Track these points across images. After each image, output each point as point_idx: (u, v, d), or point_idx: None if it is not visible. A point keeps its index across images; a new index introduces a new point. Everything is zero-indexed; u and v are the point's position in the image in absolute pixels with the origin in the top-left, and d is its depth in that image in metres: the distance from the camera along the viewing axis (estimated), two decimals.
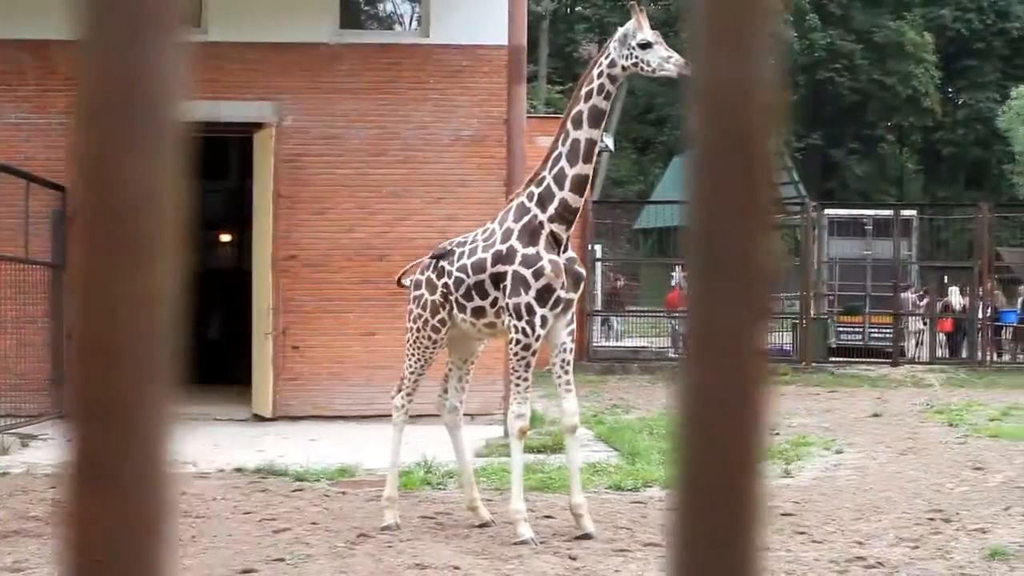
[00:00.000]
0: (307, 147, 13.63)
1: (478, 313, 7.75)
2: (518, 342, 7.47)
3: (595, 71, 7.53)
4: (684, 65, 7.41)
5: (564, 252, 7.60)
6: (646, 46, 7.36)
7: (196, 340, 18.58)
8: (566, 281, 7.54)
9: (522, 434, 7.63)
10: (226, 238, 20.16)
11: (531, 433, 9.14)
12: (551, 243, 7.55)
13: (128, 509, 0.83)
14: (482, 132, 13.73)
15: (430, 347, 8.07)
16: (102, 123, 0.82)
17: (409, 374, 8.18)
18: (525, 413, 7.59)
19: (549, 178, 7.54)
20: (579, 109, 7.53)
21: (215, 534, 7.51)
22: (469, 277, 7.72)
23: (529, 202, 7.61)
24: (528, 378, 7.60)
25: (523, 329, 7.44)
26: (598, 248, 26.18)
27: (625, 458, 10.73)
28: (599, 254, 26.31)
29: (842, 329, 24.80)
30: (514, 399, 7.63)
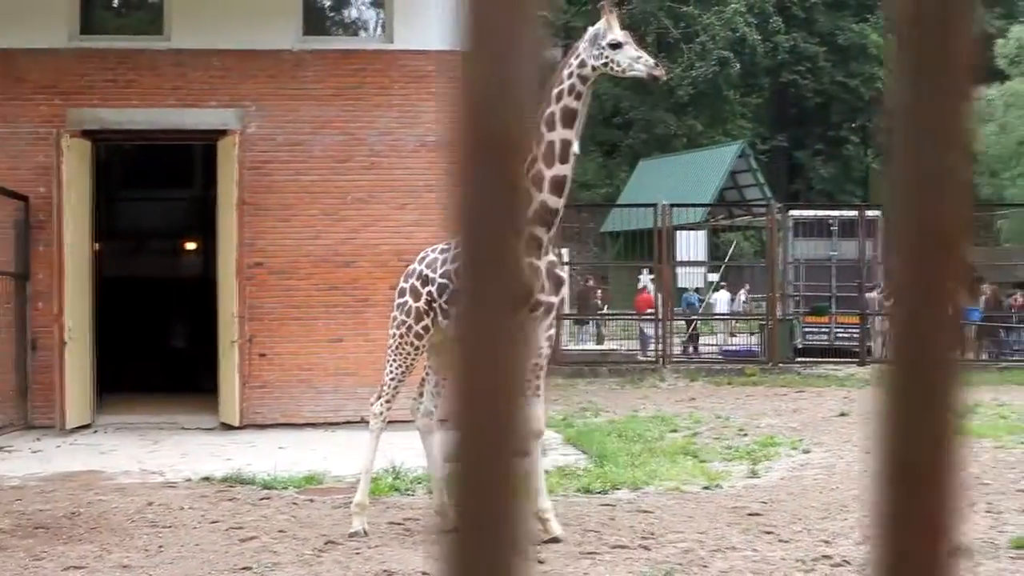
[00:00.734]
0: (272, 154, 13.58)
1: None
2: None
3: (565, 72, 7.51)
4: (654, 66, 7.44)
5: (545, 255, 7.59)
6: (616, 46, 7.37)
7: (162, 349, 18.50)
8: (546, 284, 7.53)
9: None
10: (191, 246, 20.06)
11: None
12: (531, 246, 7.54)
13: None
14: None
15: (412, 353, 8.03)
16: None
17: (389, 380, 8.11)
18: None
19: (527, 181, 7.54)
20: (551, 111, 7.48)
21: (182, 544, 7.47)
22: (452, 282, 7.71)
23: None
24: None
25: None
26: (565, 252, 26.23)
27: (594, 461, 10.76)
28: (567, 258, 26.36)
29: (808, 329, 24.93)
30: None
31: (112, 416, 13.72)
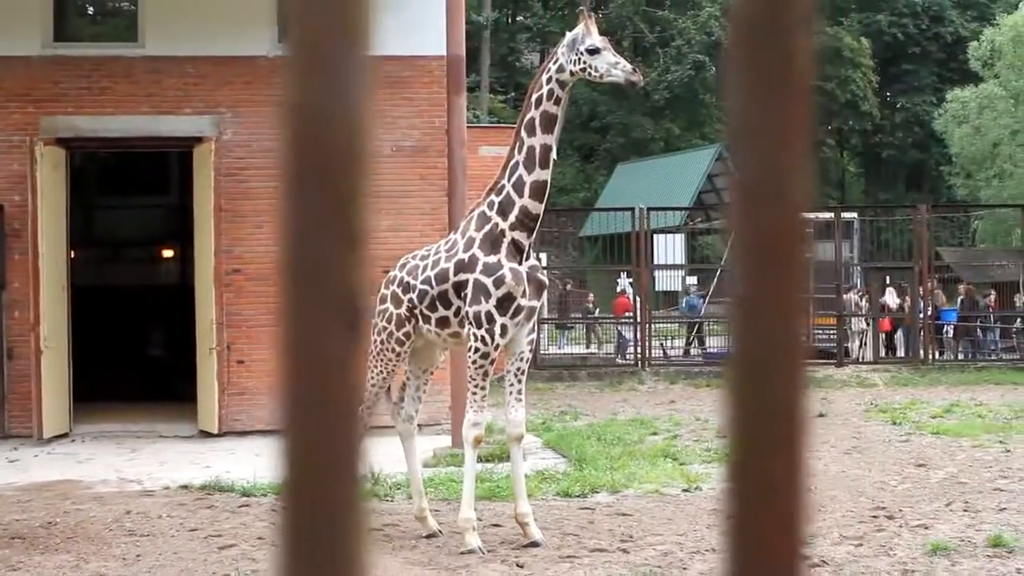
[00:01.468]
0: (248, 160, 13.55)
1: (442, 323, 7.74)
2: (476, 350, 7.45)
3: (544, 77, 7.54)
4: (631, 72, 7.47)
5: (527, 260, 7.60)
6: (594, 51, 7.39)
7: (140, 357, 18.41)
8: (528, 289, 7.53)
9: (477, 443, 7.62)
10: (168, 253, 19.99)
11: None
12: (513, 251, 7.53)
13: None
14: (423, 143, 13.73)
15: (393, 359, 8.02)
16: None
17: (371, 387, 8.09)
18: (481, 422, 7.59)
19: (508, 186, 7.53)
20: (531, 116, 7.52)
21: (160, 552, 7.44)
22: (433, 288, 7.71)
23: (490, 211, 7.59)
24: (485, 387, 7.59)
25: (482, 337, 7.42)
26: (544, 256, 26.26)
27: (573, 464, 10.77)
28: (545, 262, 26.38)
29: None
30: (470, 407, 7.61)
31: (90, 425, 13.65)
